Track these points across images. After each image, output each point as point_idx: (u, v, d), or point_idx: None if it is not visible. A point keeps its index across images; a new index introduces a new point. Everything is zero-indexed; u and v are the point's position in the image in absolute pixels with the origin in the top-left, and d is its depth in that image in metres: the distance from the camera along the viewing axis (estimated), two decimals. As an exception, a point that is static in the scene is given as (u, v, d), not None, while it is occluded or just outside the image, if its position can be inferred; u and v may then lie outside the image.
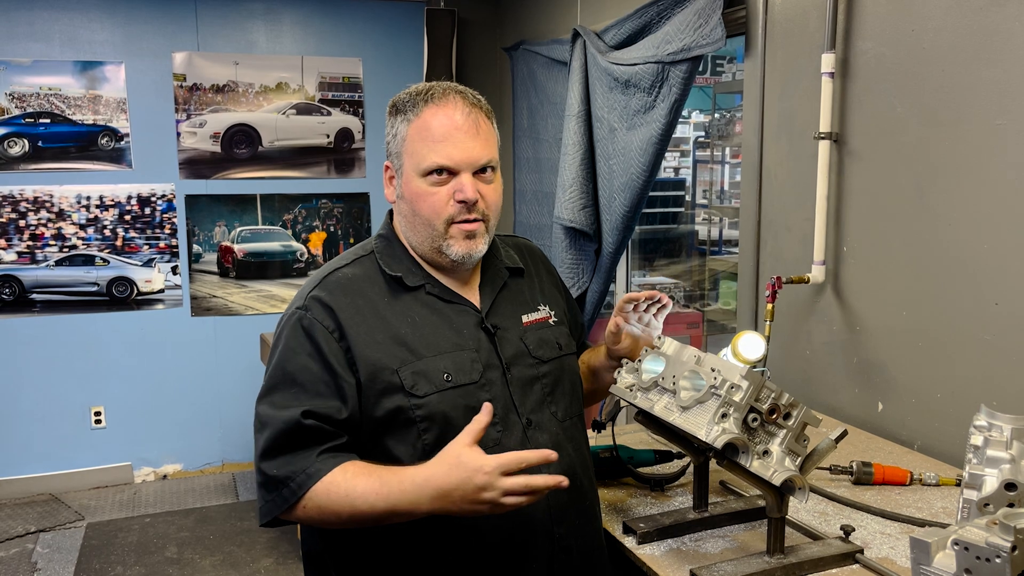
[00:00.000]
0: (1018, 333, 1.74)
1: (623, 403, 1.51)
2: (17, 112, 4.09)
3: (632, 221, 3.06)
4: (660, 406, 1.36)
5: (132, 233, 4.34)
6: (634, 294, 1.51)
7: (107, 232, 4.30)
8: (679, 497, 1.67)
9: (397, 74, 4.57)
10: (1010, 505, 1.20)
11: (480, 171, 1.38)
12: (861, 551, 1.38)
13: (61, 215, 4.22)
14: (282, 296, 4.62)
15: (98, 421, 4.39)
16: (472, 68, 4.62)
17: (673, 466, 1.79)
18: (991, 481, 1.22)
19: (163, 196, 4.36)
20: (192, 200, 4.41)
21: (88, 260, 4.30)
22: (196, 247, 4.47)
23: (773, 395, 1.29)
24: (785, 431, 1.29)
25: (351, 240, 4.67)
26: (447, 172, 1.36)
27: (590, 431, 1.62)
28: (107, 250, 4.32)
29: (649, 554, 1.43)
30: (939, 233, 1.91)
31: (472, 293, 1.46)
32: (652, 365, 1.41)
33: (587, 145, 3.21)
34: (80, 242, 4.27)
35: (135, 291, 4.39)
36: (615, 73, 2.98)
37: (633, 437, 1.94)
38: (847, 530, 1.40)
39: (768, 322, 2.19)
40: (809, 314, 2.33)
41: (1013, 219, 1.73)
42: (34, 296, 4.23)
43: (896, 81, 2.00)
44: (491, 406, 1.25)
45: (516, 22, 4.36)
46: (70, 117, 4.17)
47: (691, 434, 1.29)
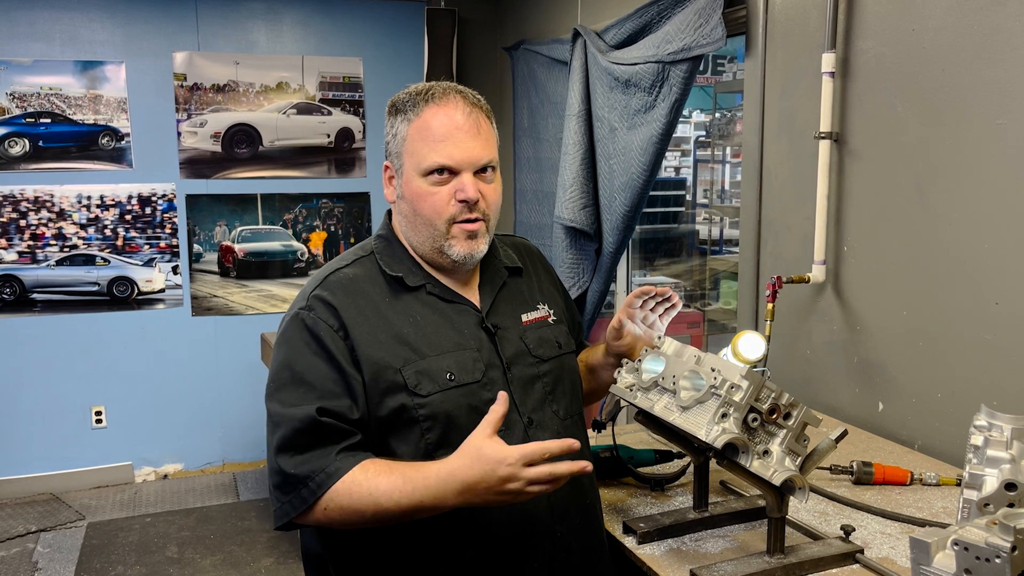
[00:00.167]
0: (1018, 333, 1.73)
1: (623, 403, 1.51)
2: (18, 112, 4.09)
3: (633, 221, 3.06)
4: (660, 406, 1.36)
5: (133, 233, 4.35)
6: (647, 287, 1.51)
7: (108, 232, 4.30)
8: (679, 497, 1.67)
9: (397, 74, 4.57)
10: (1010, 505, 1.20)
11: (481, 171, 1.38)
12: (861, 551, 1.38)
13: (62, 215, 4.22)
14: (283, 296, 4.62)
15: (99, 421, 4.39)
16: (472, 68, 4.62)
17: (673, 466, 1.79)
18: (991, 481, 1.22)
19: (164, 196, 4.36)
20: (193, 200, 4.41)
21: (89, 260, 4.30)
22: (197, 247, 4.47)
23: (773, 395, 1.28)
24: (785, 431, 1.29)
25: (351, 240, 4.67)
26: (448, 172, 1.36)
27: (590, 431, 1.62)
28: (108, 250, 4.32)
29: (649, 554, 1.43)
30: (939, 233, 1.91)
31: (472, 293, 1.46)
32: (652, 365, 1.41)
33: (587, 145, 3.21)
34: (81, 242, 4.27)
35: (136, 291, 4.39)
36: (615, 73, 2.98)
37: (633, 437, 1.94)
38: (847, 530, 1.40)
39: (768, 322, 2.19)
40: (809, 314, 2.33)
41: (1013, 219, 1.73)
42: (35, 296, 4.23)
43: (896, 81, 1.99)
44: (507, 395, 1.25)
45: (516, 22, 4.36)
46: (71, 117, 4.17)
47: (691, 434, 1.29)
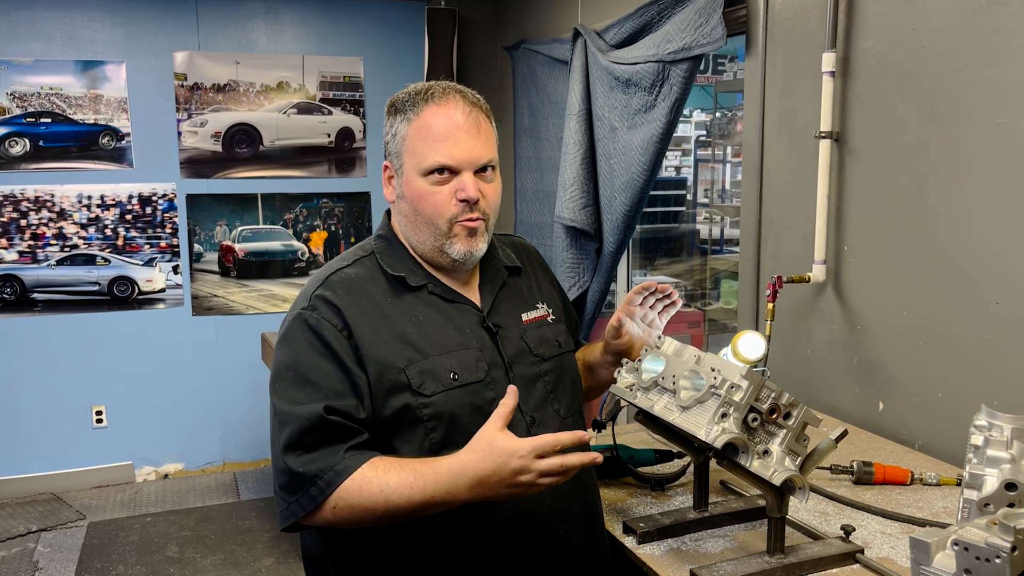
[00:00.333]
0: (1019, 332, 1.73)
1: (623, 403, 1.51)
2: (18, 112, 4.09)
3: (633, 220, 3.06)
4: (660, 406, 1.36)
5: (133, 232, 4.35)
6: (648, 283, 1.51)
7: (108, 231, 4.31)
8: (679, 497, 1.66)
9: (398, 73, 4.57)
10: (1010, 505, 1.19)
11: (481, 170, 1.38)
12: (861, 551, 1.38)
13: (62, 215, 4.22)
14: (283, 295, 4.62)
15: (99, 420, 4.39)
16: (473, 67, 4.62)
17: (673, 466, 1.79)
18: (991, 481, 1.22)
19: (164, 195, 4.36)
20: (193, 199, 4.42)
21: (89, 259, 4.30)
22: (197, 246, 4.47)
23: (773, 395, 1.28)
24: (785, 431, 1.29)
25: (352, 239, 4.67)
26: (448, 171, 1.36)
27: (590, 430, 1.62)
28: (108, 249, 4.32)
29: (649, 554, 1.43)
30: (940, 232, 1.91)
31: (472, 292, 1.46)
32: (652, 365, 1.41)
33: (588, 144, 3.21)
34: (81, 241, 4.27)
35: (136, 290, 4.39)
36: (616, 72, 2.98)
37: (633, 437, 1.94)
38: (847, 530, 1.40)
39: (769, 321, 2.19)
40: (810, 313, 2.32)
41: (1014, 218, 1.73)
42: (35, 296, 4.23)
43: (897, 80, 1.99)
44: (516, 389, 1.25)
45: (517, 21, 4.36)
46: (71, 117, 4.17)
47: (691, 434, 1.29)
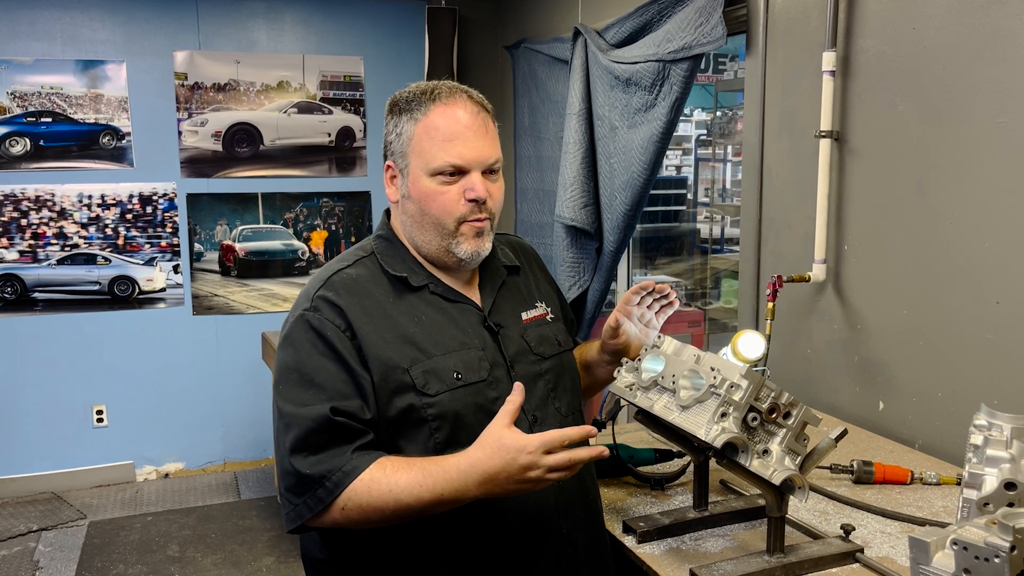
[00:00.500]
0: (1019, 332, 1.73)
1: (623, 402, 1.51)
2: (19, 111, 4.09)
3: (633, 220, 3.06)
4: (660, 405, 1.36)
5: (134, 232, 4.35)
6: (646, 283, 1.51)
7: (109, 231, 4.31)
8: (679, 496, 1.66)
9: (398, 73, 4.57)
10: (1010, 504, 1.19)
11: (487, 170, 1.38)
12: (861, 550, 1.38)
13: (63, 214, 4.22)
14: (284, 295, 4.62)
15: (100, 420, 4.39)
16: (473, 66, 4.62)
17: (673, 465, 1.79)
18: (991, 480, 1.22)
19: (164, 195, 4.36)
20: (193, 199, 4.42)
21: (90, 259, 4.30)
22: (198, 246, 4.47)
23: (773, 394, 1.28)
24: (785, 430, 1.29)
25: (352, 239, 4.67)
26: (457, 171, 1.36)
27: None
28: (109, 249, 4.33)
29: (649, 553, 1.43)
30: (940, 231, 1.91)
31: (473, 292, 1.46)
32: (652, 364, 1.41)
33: (588, 143, 3.21)
34: (82, 241, 4.27)
35: (136, 290, 4.39)
36: (616, 71, 2.97)
37: (633, 436, 1.94)
38: (847, 529, 1.40)
39: (769, 321, 2.19)
40: (810, 313, 2.32)
41: (1014, 217, 1.73)
42: (36, 295, 4.24)
43: (897, 79, 1.99)
44: (522, 385, 1.25)
45: (517, 20, 4.36)
46: (71, 116, 4.17)
47: (691, 433, 1.29)
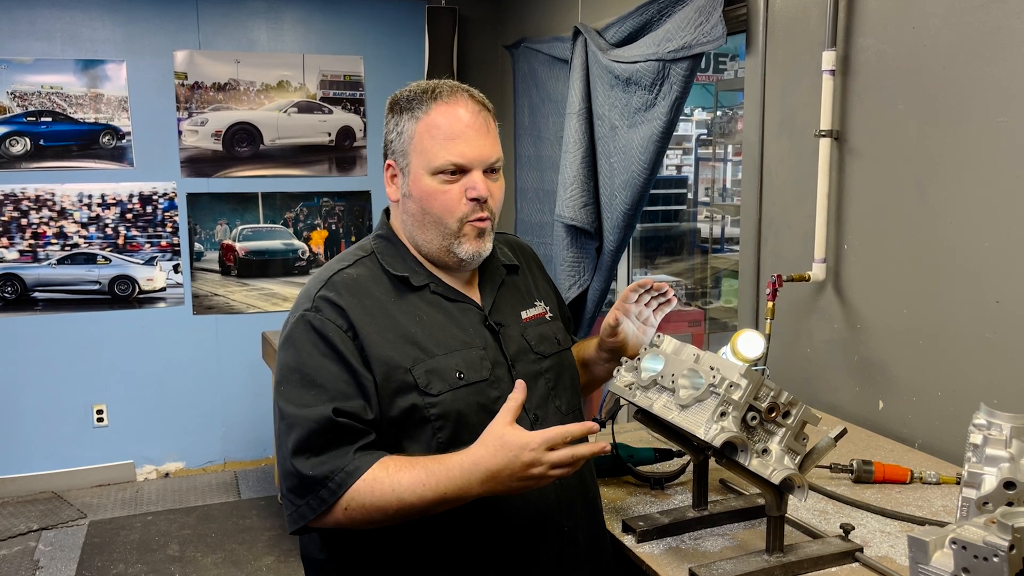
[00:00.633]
0: (1019, 331, 1.73)
1: (623, 401, 1.51)
2: (19, 111, 4.09)
3: (633, 219, 3.06)
4: (659, 404, 1.36)
5: (134, 231, 4.35)
6: (645, 280, 1.51)
7: (109, 230, 4.31)
8: (679, 495, 1.66)
9: (398, 72, 4.57)
10: (1009, 504, 1.19)
11: (489, 170, 1.38)
12: (861, 549, 1.38)
13: (63, 214, 4.22)
14: (284, 294, 4.62)
15: (100, 419, 4.39)
16: (473, 66, 4.62)
17: (673, 464, 1.79)
18: (990, 480, 1.22)
19: (165, 194, 4.36)
20: (194, 198, 4.42)
21: (90, 259, 4.31)
22: (198, 245, 4.47)
23: (772, 393, 1.28)
24: (784, 429, 1.29)
25: (352, 238, 4.67)
26: (459, 170, 1.35)
27: (590, 428, 1.62)
28: (109, 248, 4.33)
29: (648, 552, 1.43)
30: (940, 231, 1.91)
31: (473, 291, 1.46)
32: (651, 363, 1.41)
33: (588, 143, 3.21)
34: (82, 240, 4.27)
35: (137, 289, 4.39)
36: (616, 71, 2.97)
37: (633, 435, 1.94)
38: (847, 528, 1.40)
39: (769, 320, 2.19)
40: (810, 312, 2.32)
41: (1014, 217, 1.73)
42: (36, 295, 4.24)
43: (897, 78, 1.99)
44: (524, 383, 1.26)
45: (517, 20, 4.36)
46: (71, 116, 4.17)
47: (690, 432, 1.29)
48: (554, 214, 3.38)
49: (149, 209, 4.35)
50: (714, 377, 1.28)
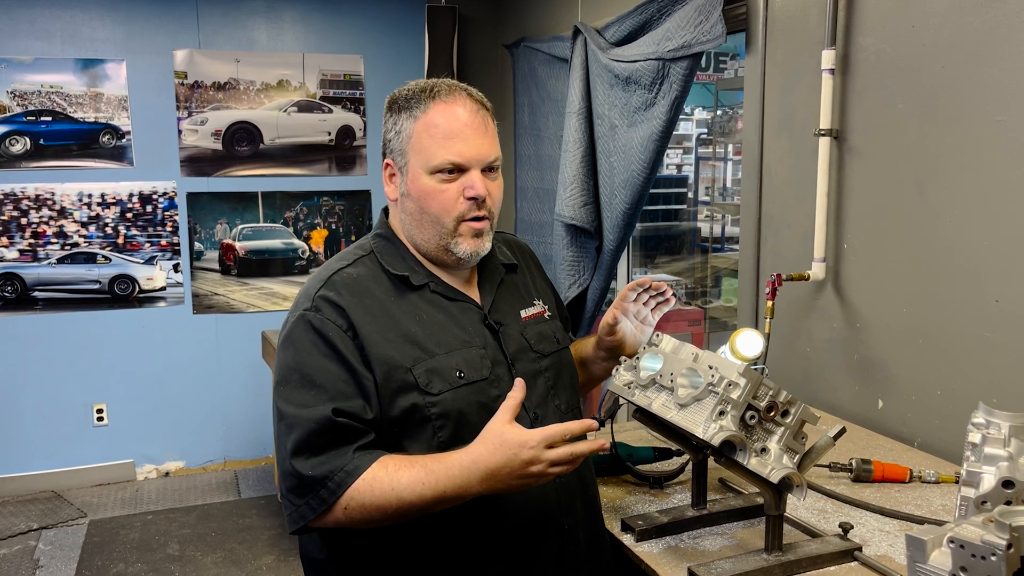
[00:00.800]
0: (1018, 330, 1.73)
1: (622, 400, 1.51)
2: (19, 110, 4.09)
3: (633, 218, 3.06)
4: (658, 403, 1.36)
5: (134, 231, 4.35)
6: (643, 279, 1.52)
7: (109, 230, 4.31)
8: (678, 494, 1.66)
9: (398, 71, 4.57)
10: (1007, 503, 1.19)
11: (487, 169, 1.38)
12: (860, 548, 1.38)
13: (63, 213, 4.22)
14: (284, 294, 4.62)
15: (100, 418, 4.40)
16: (473, 65, 4.62)
17: (672, 463, 1.79)
18: (989, 479, 1.21)
19: (165, 194, 4.36)
20: (194, 198, 4.42)
21: (90, 258, 4.31)
22: (198, 245, 4.47)
23: (771, 392, 1.28)
24: (783, 428, 1.29)
25: (352, 237, 4.67)
26: (457, 169, 1.35)
27: (589, 428, 1.62)
28: (109, 248, 4.33)
29: (647, 551, 1.43)
30: (939, 230, 1.91)
31: (472, 290, 1.46)
32: (650, 362, 1.41)
33: (588, 142, 3.21)
34: (82, 240, 4.28)
35: (137, 289, 4.39)
36: (616, 70, 2.97)
37: (632, 434, 1.94)
38: (846, 527, 1.40)
39: (768, 319, 2.18)
40: (809, 311, 2.32)
41: (1014, 216, 1.73)
42: (36, 294, 4.24)
43: (897, 77, 1.99)
44: (523, 382, 1.26)
45: (517, 19, 4.36)
46: (71, 115, 4.17)
47: (689, 431, 1.29)
48: (554, 213, 3.38)
49: (149, 208, 4.35)
50: (713, 376, 1.28)
